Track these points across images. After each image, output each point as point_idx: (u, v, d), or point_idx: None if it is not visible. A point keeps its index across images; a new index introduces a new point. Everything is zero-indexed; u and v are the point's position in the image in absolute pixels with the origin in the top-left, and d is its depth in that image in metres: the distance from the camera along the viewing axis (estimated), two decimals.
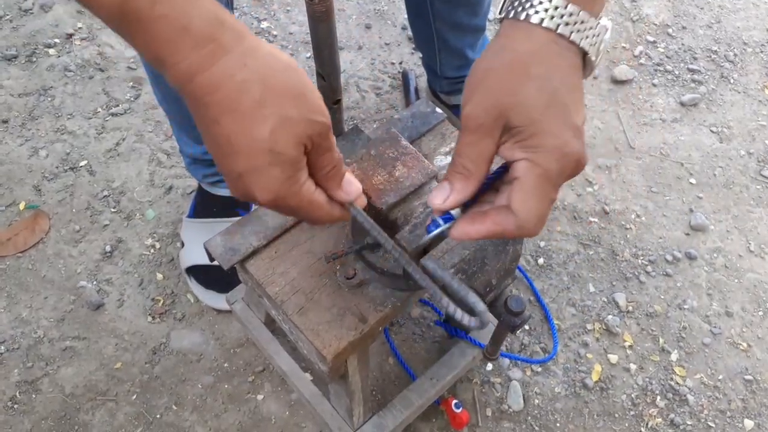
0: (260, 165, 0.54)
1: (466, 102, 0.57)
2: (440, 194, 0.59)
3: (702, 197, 1.69)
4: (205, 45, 0.51)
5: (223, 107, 0.53)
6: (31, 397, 1.34)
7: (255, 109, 0.53)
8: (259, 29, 1.93)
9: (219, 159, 0.56)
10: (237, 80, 0.52)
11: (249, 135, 0.53)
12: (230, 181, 0.57)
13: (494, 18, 0.58)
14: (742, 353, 1.46)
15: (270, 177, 0.55)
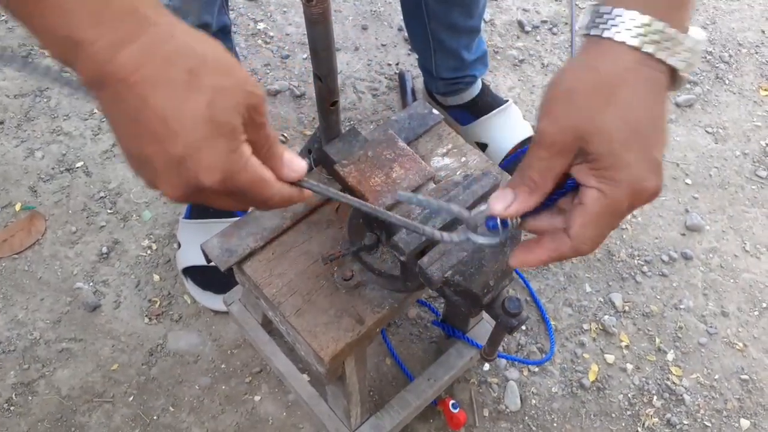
0: (201, 138, 0.49)
1: (543, 116, 0.55)
2: (503, 201, 0.58)
3: (697, 197, 1.69)
4: (126, 18, 0.46)
5: (152, 82, 0.47)
6: (27, 399, 1.34)
7: (188, 80, 0.48)
8: (255, 30, 1.93)
9: (150, 150, 0.49)
10: (166, 51, 0.48)
11: (185, 107, 0.48)
12: (169, 171, 0.50)
13: (577, 33, 0.55)
14: (738, 353, 1.46)
15: (215, 151, 0.50)
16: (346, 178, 0.88)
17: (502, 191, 0.58)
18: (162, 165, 0.50)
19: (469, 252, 0.76)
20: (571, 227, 0.56)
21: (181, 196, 0.52)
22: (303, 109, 1.79)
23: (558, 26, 2.01)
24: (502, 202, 0.58)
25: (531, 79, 1.89)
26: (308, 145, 1.03)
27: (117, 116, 0.49)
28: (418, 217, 0.80)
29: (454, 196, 0.81)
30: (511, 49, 1.95)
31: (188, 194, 0.52)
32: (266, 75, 1.85)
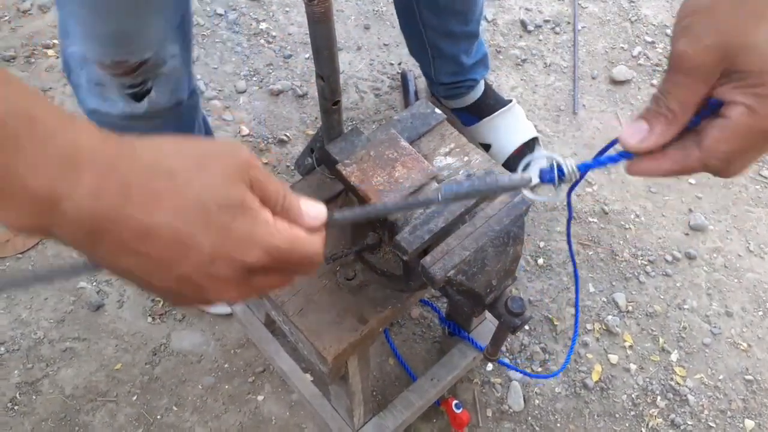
0: (221, 228, 0.44)
1: (681, 36, 0.50)
2: (636, 134, 0.52)
3: (701, 197, 1.69)
4: (94, 154, 0.41)
5: (142, 208, 0.42)
6: (32, 398, 1.34)
7: (173, 187, 0.43)
8: (258, 30, 1.93)
9: (180, 271, 0.44)
10: (144, 166, 0.43)
11: (185, 211, 0.43)
12: (211, 278, 0.45)
13: None
14: (743, 353, 1.46)
15: (240, 230, 0.45)
16: (349, 177, 0.88)
17: (635, 123, 0.52)
18: (201, 277, 0.45)
19: (471, 251, 0.76)
20: (704, 140, 0.50)
21: (237, 292, 0.47)
22: (305, 108, 1.79)
23: (561, 26, 2.00)
24: (637, 135, 0.52)
25: (533, 79, 1.88)
26: (311, 145, 1.03)
27: (128, 261, 0.44)
28: (420, 217, 0.80)
29: None
30: (514, 48, 1.94)
31: (243, 286, 0.47)
32: (269, 75, 1.85)
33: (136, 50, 0.92)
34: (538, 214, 1.63)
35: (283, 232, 0.48)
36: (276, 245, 0.47)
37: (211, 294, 0.47)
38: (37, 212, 0.40)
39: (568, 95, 1.86)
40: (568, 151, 1.75)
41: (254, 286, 0.48)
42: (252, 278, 0.47)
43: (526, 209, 0.81)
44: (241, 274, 0.46)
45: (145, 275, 0.45)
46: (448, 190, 0.51)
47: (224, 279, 0.46)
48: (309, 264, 0.50)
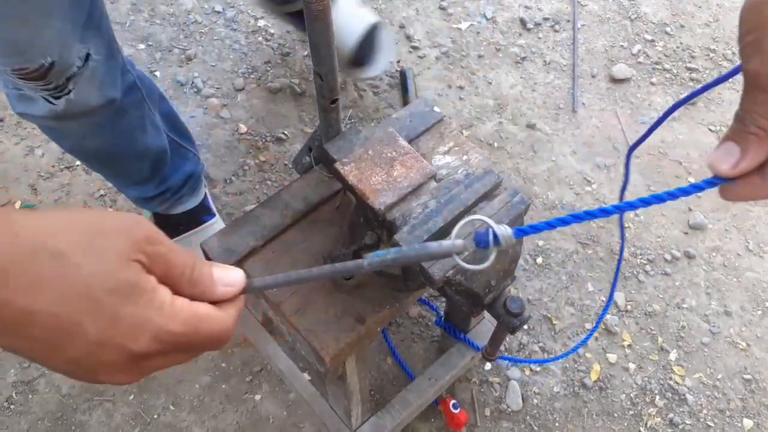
0: (107, 314, 0.42)
1: (751, 56, 0.47)
2: (729, 158, 0.49)
3: (700, 196, 1.68)
4: None
5: (28, 285, 0.40)
6: (28, 397, 1.33)
7: (58, 270, 0.41)
8: (256, 27, 1.93)
9: (70, 354, 0.42)
10: (27, 247, 0.40)
11: (71, 294, 0.41)
12: (100, 363, 0.43)
13: None
14: (741, 352, 1.45)
15: (129, 316, 0.42)
16: (347, 176, 0.87)
17: (723, 147, 0.49)
18: (89, 362, 0.43)
19: (471, 252, 0.75)
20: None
21: (128, 376, 0.45)
22: (304, 107, 1.78)
23: (560, 23, 2.00)
24: (729, 160, 0.49)
25: (533, 77, 1.88)
26: (309, 144, 1.02)
27: (15, 344, 0.42)
28: (419, 217, 0.80)
29: (455, 194, 0.81)
30: (513, 46, 1.94)
31: (133, 371, 0.45)
32: (267, 72, 1.84)
33: (32, 57, 0.89)
34: (537, 213, 1.62)
35: (180, 314, 0.45)
36: (169, 330, 0.44)
37: (102, 377, 0.45)
38: None
39: (568, 93, 1.86)
40: (567, 149, 1.74)
41: (148, 368, 0.46)
42: (144, 362, 0.45)
43: (526, 209, 0.80)
44: (131, 360, 0.44)
45: (36, 357, 0.43)
46: (375, 257, 0.50)
47: (113, 365, 0.44)
48: (215, 342, 0.47)
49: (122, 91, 1.08)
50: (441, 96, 1.82)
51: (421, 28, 1.96)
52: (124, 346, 0.43)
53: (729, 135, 0.49)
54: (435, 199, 0.82)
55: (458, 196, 0.80)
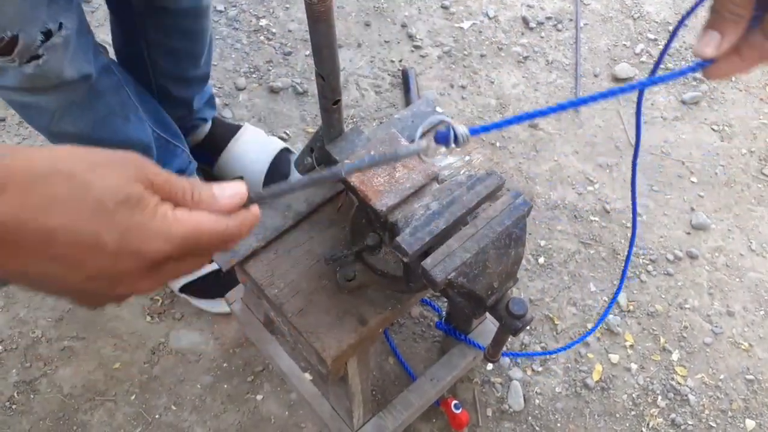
0: (121, 222, 0.44)
1: None
2: (711, 43, 0.57)
3: (703, 196, 1.68)
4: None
5: (46, 205, 0.43)
6: (30, 397, 1.33)
7: (68, 189, 0.43)
8: (258, 27, 1.92)
9: (88, 269, 0.45)
10: (40, 172, 0.43)
11: (93, 207, 0.44)
12: (119, 274, 0.46)
13: None
14: (744, 353, 1.45)
15: (143, 226, 0.46)
16: (348, 177, 0.87)
17: (704, 35, 0.57)
18: (110, 273, 0.46)
19: (473, 254, 0.75)
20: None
21: (148, 283, 0.48)
22: (306, 106, 1.78)
23: (563, 23, 1.99)
24: (712, 44, 0.57)
25: (535, 76, 1.87)
26: (310, 144, 1.02)
27: (37, 268, 0.44)
28: (420, 219, 0.79)
29: (457, 196, 0.80)
30: (515, 45, 1.93)
31: (152, 277, 0.48)
32: (268, 72, 1.84)
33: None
34: (540, 213, 1.62)
35: (182, 221, 0.48)
36: (176, 234, 0.47)
37: (123, 288, 0.48)
38: None
39: (570, 93, 1.85)
40: (569, 149, 1.74)
41: (165, 274, 0.49)
42: (161, 268, 0.48)
43: (528, 211, 0.80)
44: (148, 267, 0.47)
45: (56, 279, 0.45)
46: (352, 165, 0.56)
47: (132, 273, 0.46)
48: (221, 242, 0.51)
49: (97, 70, 1.08)
50: (443, 95, 1.82)
51: (423, 27, 1.95)
52: (140, 252, 0.46)
53: (708, 25, 0.57)
54: (437, 200, 0.82)
55: (460, 197, 0.80)
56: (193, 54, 1.37)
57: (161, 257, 0.47)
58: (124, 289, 0.48)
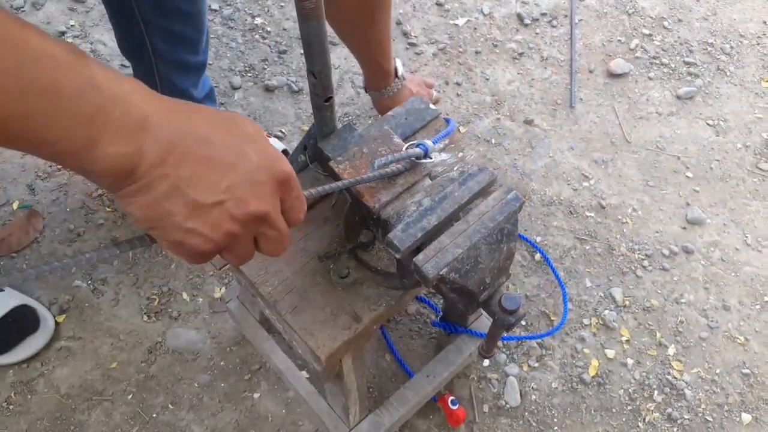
0: (264, 146, 0.56)
1: None
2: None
3: (698, 191, 1.68)
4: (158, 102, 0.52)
5: (207, 124, 0.54)
6: (27, 397, 1.33)
7: (223, 118, 0.55)
8: (252, 25, 1.92)
9: (228, 171, 0.54)
10: (199, 113, 0.54)
11: (241, 132, 0.56)
12: (250, 183, 0.55)
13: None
14: (740, 347, 1.45)
15: (276, 151, 0.57)
16: (341, 174, 0.87)
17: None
18: (246, 185, 0.55)
19: (464, 249, 0.75)
20: None
21: (269, 203, 0.57)
22: (301, 104, 1.78)
23: (557, 19, 1.99)
24: None
25: (530, 73, 1.87)
26: (304, 142, 1.02)
27: (187, 170, 0.52)
28: (413, 215, 0.80)
29: (449, 192, 0.80)
30: (510, 42, 1.93)
31: (275, 201, 0.58)
32: (263, 70, 1.84)
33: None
34: (535, 209, 1.62)
35: (280, 220, 0.60)
36: (291, 169, 0.59)
37: (254, 204, 0.55)
38: (131, 135, 0.49)
39: (565, 89, 1.85)
40: (565, 145, 1.74)
41: (276, 206, 0.58)
42: (277, 196, 0.58)
43: (520, 206, 0.80)
44: (275, 188, 0.57)
45: (198, 187, 0.53)
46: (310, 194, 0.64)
47: (264, 188, 0.56)
48: (276, 245, 0.61)
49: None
50: (438, 92, 1.81)
51: (418, 24, 1.95)
52: (273, 168, 0.56)
53: None
54: (429, 197, 0.82)
55: (452, 193, 0.80)
56: (191, 38, 1.39)
57: (285, 177, 0.57)
58: (254, 206, 0.55)
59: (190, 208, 0.53)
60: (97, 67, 0.48)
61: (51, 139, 0.47)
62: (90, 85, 0.47)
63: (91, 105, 0.47)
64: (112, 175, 0.50)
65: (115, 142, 0.48)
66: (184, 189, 0.52)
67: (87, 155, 0.48)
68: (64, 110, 0.46)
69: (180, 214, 0.53)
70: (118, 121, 0.48)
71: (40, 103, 0.45)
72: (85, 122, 0.47)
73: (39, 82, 0.45)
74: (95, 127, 0.47)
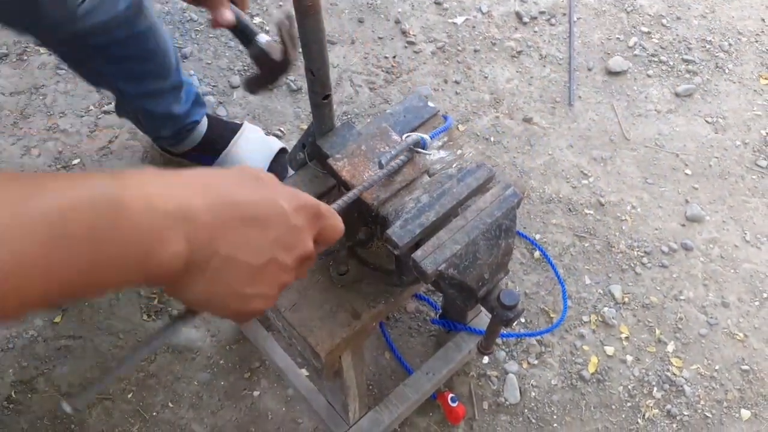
0: (293, 192, 0.58)
1: None
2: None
3: (697, 188, 1.68)
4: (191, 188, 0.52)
5: (247, 188, 0.54)
6: (27, 396, 1.34)
7: (249, 175, 0.56)
8: None
9: (271, 226, 0.55)
10: (232, 178, 0.55)
11: (273, 189, 0.57)
12: (290, 229, 0.57)
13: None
14: (739, 343, 1.45)
15: (305, 195, 0.59)
16: (339, 172, 0.87)
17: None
18: (288, 231, 0.56)
19: (463, 245, 0.76)
20: None
21: (309, 238, 0.59)
22: (300, 103, 1.78)
23: (556, 17, 1.99)
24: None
25: (529, 71, 1.87)
26: (303, 140, 1.02)
27: (235, 236, 0.53)
28: (411, 211, 0.80)
29: (448, 188, 0.81)
30: (509, 40, 1.93)
31: (312, 231, 0.60)
32: None
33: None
34: (534, 207, 1.62)
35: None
36: (317, 201, 0.61)
37: (298, 251, 0.57)
38: (179, 233, 0.49)
39: (564, 87, 1.85)
40: (564, 142, 1.74)
41: (313, 241, 0.60)
42: (315, 228, 0.60)
43: (518, 202, 0.80)
44: (311, 223, 0.59)
45: (248, 251, 0.53)
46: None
47: (303, 230, 0.57)
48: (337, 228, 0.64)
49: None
50: (437, 91, 1.82)
51: (416, 22, 1.96)
52: (306, 205, 0.58)
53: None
54: (428, 193, 0.82)
55: (451, 190, 0.80)
56: (155, 70, 1.37)
57: (315, 211, 0.59)
58: (299, 248, 0.57)
59: (247, 274, 0.54)
60: (130, 197, 0.47)
61: (113, 283, 0.47)
62: (132, 224, 0.46)
63: (143, 237, 0.47)
64: (170, 274, 0.50)
65: (167, 248, 0.48)
66: (236, 257, 0.53)
67: (145, 272, 0.48)
68: (118, 258, 0.46)
69: (238, 283, 0.54)
70: (165, 232, 0.48)
71: (100, 263, 0.46)
72: (140, 256, 0.47)
73: (106, 246, 0.45)
74: (147, 253, 0.48)
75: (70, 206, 0.44)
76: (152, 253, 0.47)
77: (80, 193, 0.45)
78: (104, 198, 0.46)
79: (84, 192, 0.45)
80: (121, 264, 0.46)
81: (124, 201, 0.46)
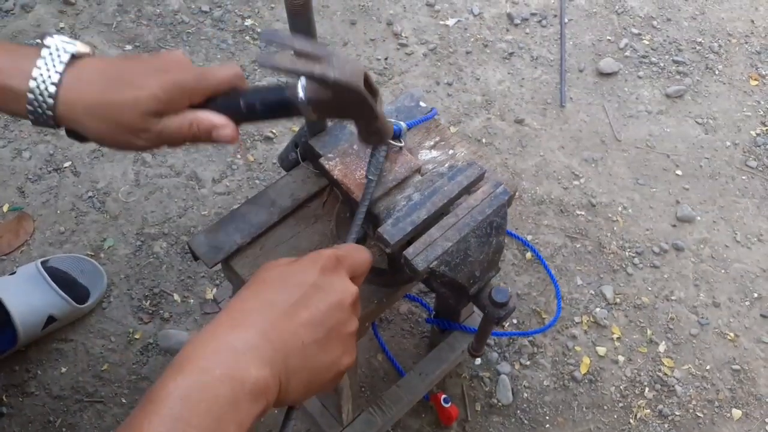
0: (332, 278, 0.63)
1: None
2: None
3: (688, 188, 1.69)
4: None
5: (271, 287, 0.61)
6: (18, 400, 1.33)
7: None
8: (243, 27, 1.92)
9: (327, 319, 0.60)
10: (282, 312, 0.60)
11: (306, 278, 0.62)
12: (343, 324, 0.62)
13: None
14: (730, 343, 1.46)
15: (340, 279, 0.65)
16: (332, 171, 0.87)
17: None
18: (343, 304, 0.62)
19: (454, 242, 0.76)
20: None
21: (355, 295, 0.64)
22: None
23: (547, 18, 2.00)
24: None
25: (520, 72, 1.88)
26: (295, 139, 1.02)
27: (298, 337, 0.58)
28: (402, 210, 0.80)
29: (439, 186, 0.81)
30: (500, 42, 1.94)
31: (352, 285, 0.64)
32: (254, 71, 1.84)
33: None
34: (526, 208, 1.63)
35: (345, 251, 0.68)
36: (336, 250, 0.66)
37: (344, 300, 0.62)
38: (261, 362, 0.55)
39: (555, 88, 1.86)
40: (555, 144, 1.75)
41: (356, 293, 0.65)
42: (344, 271, 0.65)
43: (509, 200, 0.81)
44: (338, 270, 0.63)
45: (310, 333, 0.59)
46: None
47: (333, 281, 0.62)
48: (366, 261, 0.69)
49: None
50: (429, 92, 1.82)
51: (408, 24, 1.96)
52: (326, 261, 0.63)
53: None
54: (419, 191, 0.83)
55: (442, 188, 0.80)
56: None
57: (334, 258, 0.63)
58: (346, 299, 0.62)
59: (320, 350, 0.60)
60: (211, 362, 0.55)
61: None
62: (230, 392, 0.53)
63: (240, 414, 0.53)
64: (261, 391, 0.54)
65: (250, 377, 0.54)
66: (303, 344, 0.59)
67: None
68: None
69: (317, 360, 0.60)
70: (248, 383, 0.53)
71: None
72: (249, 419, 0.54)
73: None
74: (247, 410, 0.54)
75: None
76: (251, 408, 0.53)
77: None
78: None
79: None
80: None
81: (231, 380, 0.53)
